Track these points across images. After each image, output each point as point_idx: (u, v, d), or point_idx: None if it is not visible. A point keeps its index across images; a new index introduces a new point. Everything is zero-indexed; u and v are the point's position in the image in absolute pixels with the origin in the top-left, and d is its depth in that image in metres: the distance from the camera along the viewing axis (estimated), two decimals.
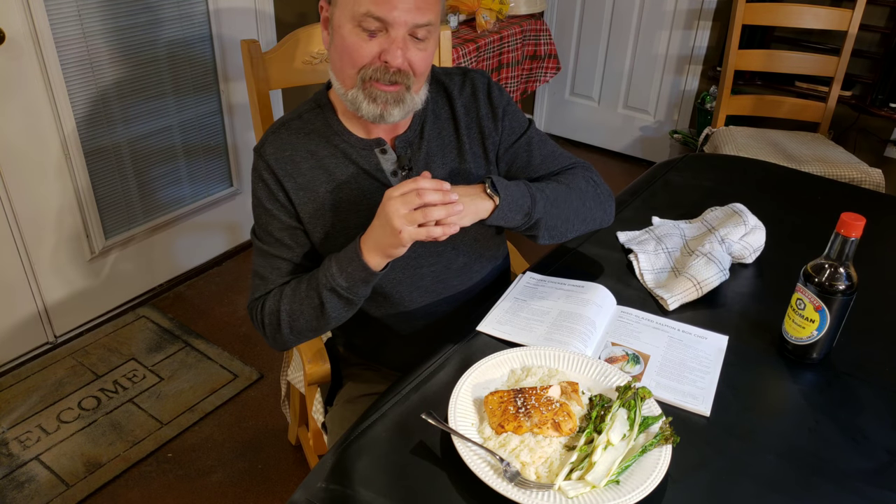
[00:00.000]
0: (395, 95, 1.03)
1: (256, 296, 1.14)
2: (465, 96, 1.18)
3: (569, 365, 0.99)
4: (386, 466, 0.85)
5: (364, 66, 1.01)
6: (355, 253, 1.01)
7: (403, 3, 0.97)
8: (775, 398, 1.00)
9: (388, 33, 0.99)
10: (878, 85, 2.82)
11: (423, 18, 0.99)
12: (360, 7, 0.97)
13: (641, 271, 1.24)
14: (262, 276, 1.13)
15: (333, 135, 1.12)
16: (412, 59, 1.01)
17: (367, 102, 1.03)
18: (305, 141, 1.12)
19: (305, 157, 1.11)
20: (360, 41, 1.00)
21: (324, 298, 1.05)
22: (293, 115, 1.15)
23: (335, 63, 1.05)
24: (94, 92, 2.09)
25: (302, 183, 1.10)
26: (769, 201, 1.53)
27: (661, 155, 3.53)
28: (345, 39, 1.01)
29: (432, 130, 1.15)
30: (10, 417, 1.93)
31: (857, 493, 0.84)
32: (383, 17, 0.97)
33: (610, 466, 0.82)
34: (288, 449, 1.87)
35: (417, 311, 1.20)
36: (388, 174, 1.12)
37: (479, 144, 1.18)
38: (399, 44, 0.99)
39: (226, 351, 2.21)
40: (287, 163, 1.10)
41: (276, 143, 1.11)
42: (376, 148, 1.12)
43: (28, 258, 2.07)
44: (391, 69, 1.00)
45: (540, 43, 3.07)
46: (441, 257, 1.17)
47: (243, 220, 2.72)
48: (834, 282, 0.99)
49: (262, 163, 1.11)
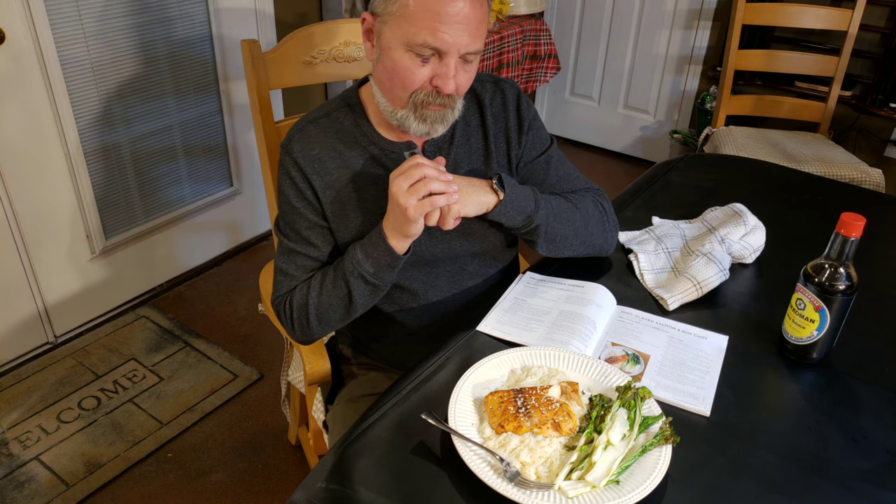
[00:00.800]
0: (441, 114, 1.06)
1: (281, 292, 1.16)
2: (496, 105, 1.19)
3: (569, 365, 0.99)
4: (386, 466, 0.85)
5: (416, 90, 1.03)
6: (380, 237, 1.04)
7: (459, 33, 0.98)
8: (775, 398, 1.00)
9: (442, 60, 1.01)
10: (878, 85, 2.83)
11: (475, 45, 1.01)
12: (416, 37, 0.98)
13: (641, 271, 1.24)
14: (286, 272, 1.15)
15: (362, 136, 1.13)
16: (459, 82, 1.03)
17: (418, 123, 1.05)
18: (333, 140, 1.13)
19: (332, 156, 1.12)
20: (413, 66, 1.01)
21: (351, 286, 1.07)
22: (321, 113, 1.15)
23: (383, 82, 1.06)
24: (94, 92, 2.09)
25: (329, 182, 1.11)
26: (769, 201, 1.53)
27: (661, 155, 3.53)
28: (396, 63, 1.02)
29: (462, 136, 1.17)
30: (10, 417, 1.93)
31: (857, 493, 0.84)
32: (439, 47, 0.98)
33: (610, 466, 0.82)
34: (288, 449, 1.87)
35: (429, 307, 1.21)
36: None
37: (504, 154, 1.20)
38: (452, 72, 1.01)
39: (226, 351, 2.21)
40: (314, 161, 1.11)
41: (304, 141, 1.12)
42: (406, 151, 1.12)
43: (28, 258, 2.07)
44: (442, 94, 1.02)
45: (540, 43, 3.07)
46: (457, 261, 1.19)
47: (243, 219, 2.72)
48: (834, 282, 0.99)
49: (289, 159, 1.12)
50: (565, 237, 1.17)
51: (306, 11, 2.68)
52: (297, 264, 1.14)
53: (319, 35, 1.46)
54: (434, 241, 1.15)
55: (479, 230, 1.17)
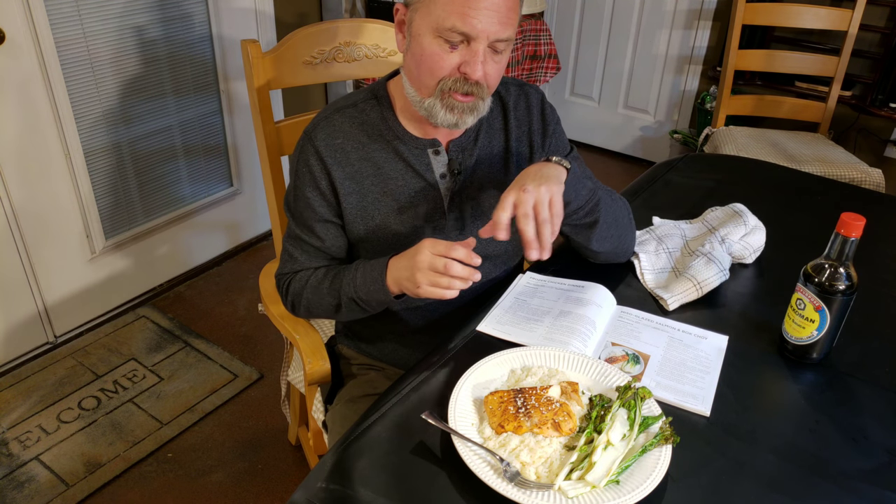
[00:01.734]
0: (470, 105, 1.04)
1: (285, 271, 1.20)
2: (520, 109, 1.19)
3: (569, 365, 0.99)
4: (386, 466, 0.85)
5: (444, 77, 1.02)
6: (381, 273, 1.05)
7: (489, 18, 0.97)
8: (775, 398, 1.00)
9: (470, 46, 1.00)
10: (878, 85, 2.83)
11: (505, 33, 1.00)
12: (445, 22, 0.97)
13: (642, 271, 1.24)
14: (292, 255, 1.18)
15: (388, 130, 1.13)
16: (489, 71, 1.02)
17: (445, 112, 1.04)
18: (358, 131, 1.12)
19: (356, 146, 1.12)
20: (441, 52, 1.00)
21: (342, 301, 1.11)
22: (348, 103, 1.15)
23: (411, 70, 1.06)
24: (94, 92, 2.09)
25: (350, 172, 1.11)
26: (769, 201, 1.53)
27: (661, 155, 3.53)
28: (425, 49, 1.01)
29: (485, 138, 1.17)
30: (10, 417, 1.93)
31: (857, 493, 0.84)
32: (468, 31, 0.98)
33: (610, 466, 0.82)
34: (288, 449, 1.87)
35: (432, 305, 1.22)
36: (437, 176, 1.14)
37: (526, 158, 1.20)
38: (480, 57, 1.00)
39: (226, 351, 2.21)
40: (337, 150, 1.11)
41: (328, 129, 1.12)
42: (430, 149, 1.13)
43: (28, 258, 2.07)
44: (470, 81, 1.01)
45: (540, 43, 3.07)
46: None
47: (243, 219, 2.72)
48: (834, 282, 0.99)
49: (310, 147, 1.12)
50: (617, 221, 1.16)
51: (306, 11, 2.68)
52: (302, 249, 1.17)
53: (319, 35, 1.46)
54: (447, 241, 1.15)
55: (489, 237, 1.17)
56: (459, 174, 1.15)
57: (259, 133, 1.44)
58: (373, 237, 1.14)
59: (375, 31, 1.52)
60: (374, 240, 1.14)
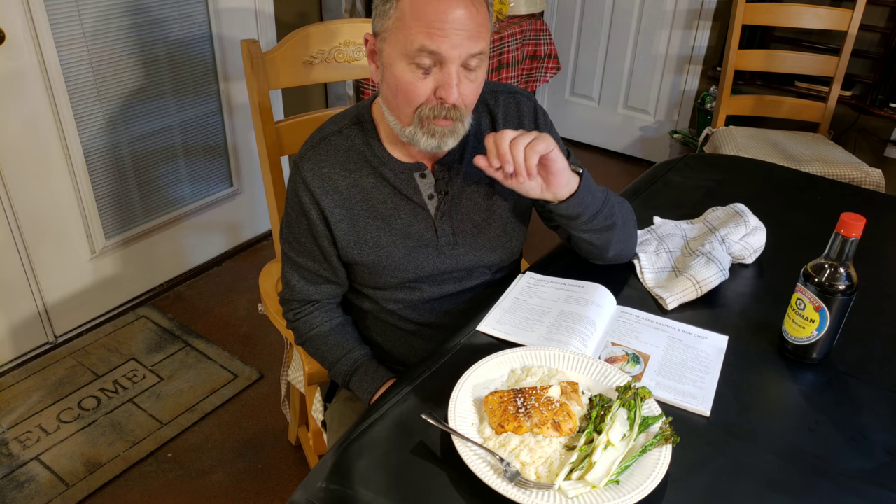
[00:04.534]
0: (450, 129, 1.04)
1: (286, 297, 1.24)
2: (510, 118, 1.18)
3: (569, 365, 0.99)
4: (386, 466, 0.85)
5: (421, 104, 1.01)
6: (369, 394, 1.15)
7: (458, 37, 0.96)
8: (775, 398, 1.00)
9: (443, 69, 0.98)
10: (878, 85, 2.83)
11: (477, 47, 0.98)
12: (413, 43, 0.96)
13: (642, 270, 1.24)
14: (290, 283, 1.22)
15: (373, 156, 1.12)
16: (464, 92, 1.01)
17: (427, 138, 1.03)
18: (344, 158, 1.12)
19: (343, 174, 1.12)
20: (415, 80, 0.99)
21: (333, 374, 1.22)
22: (334, 129, 1.15)
23: (389, 100, 1.05)
24: (93, 92, 2.09)
25: (338, 200, 1.12)
26: (769, 201, 1.53)
27: (661, 155, 3.53)
28: (398, 78, 1.00)
29: (472, 153, 1.15)
30: (10, 417, 1.93)
31: (857, 493, 0.84)
32: (437, 50, 0.96)
33: (610, 466, 0.82)
34: (288, 449, 1.87)
35: (432, 305, 1.22)
36: (426, 197, 1.14)
37: None
38: (454, 80, 0.98)
39: (226, 351, 2.21)
40: (325, 180, 1.11)
41: (315, 159, 1.12)
42: (416, 172, 1.13)
43: (28, 258, 2.07)
44: (447, 105, 1.00)
45: (540, 43, 3.07)
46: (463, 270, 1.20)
47: (243, 220, 2.72)
48: (834, 282, 0.99)
49: (298, 178, 1.12)
50: (626, 222, 1.17)
51: (306, 11, 2.68)
52: (300, 276, 1.20)
53: (319, 35, 1.46)
54: (442, 257, 1.16)
55: (487, 245, 1.18)
56: (447, 194, 1.15)
57: (259, 133, 1.44)
58: (367, 261, 1.14)
59: None
60: (370, 263, 1.15)
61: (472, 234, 1.17)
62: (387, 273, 1.15)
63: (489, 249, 1.18)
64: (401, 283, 1.17)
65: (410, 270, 1.15)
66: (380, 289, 1.19)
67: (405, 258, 1.14)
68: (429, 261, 1.15)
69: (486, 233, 1.17)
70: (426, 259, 1.15)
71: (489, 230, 1.17)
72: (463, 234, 1.16)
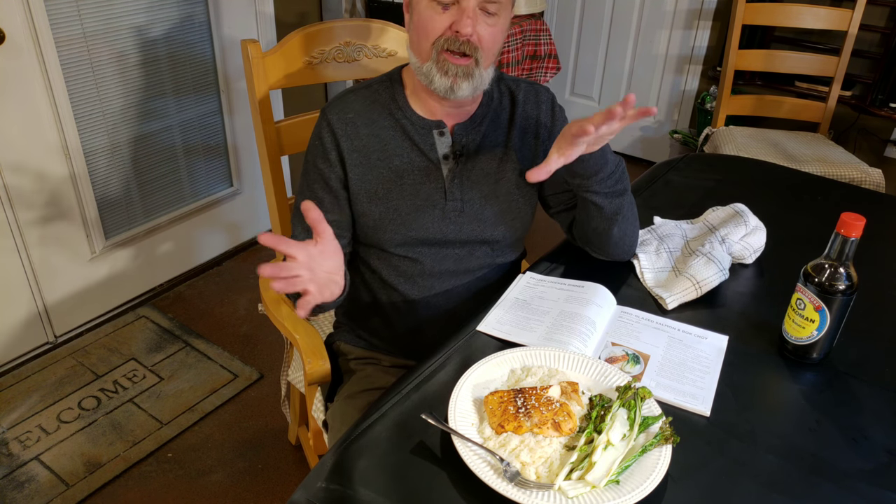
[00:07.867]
0: (465, 69, 1.08)
1: None
2: (529, 104, 1.24)
3: (569, 365, 0.99)
4: (386, 466, 0.85)
5: (437, 37, 1.07)
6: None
7: None
8: (775, 398, 1.00)
9: (460, 4, 1.05)
10: (878, 85, 2.83)
11: None
12: None
13: (642, 270, 1.24)
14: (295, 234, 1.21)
15: (397, 109, 1.18)
16: (481, 32, 1.07)
17: (440, 75, 1.08)
18: (369, 109, 1.18)
19: (366, 122, 1.17)
20: (433, 14, 1.06)
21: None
22: (363, 85, 1.21)
23: (413, 40, 1.12)
24: (94, 92, 2.09)
25: (357, 146, 1.17)
26: (769, 201, 1.53)
27: (661, 155, 3.53)
28: (420, 14, 1.08)
29: (490, 127, 1.21)
30: (10, 417, 1.93)
31: (857, 493, 0.84)
32: None
33: (610, 466, 0.82)
34: (288, 449, 1.88)
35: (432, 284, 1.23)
36: (440, 156, 1.18)
37: (531, 148, 1.23)
38: (469, 13, 1.05)
39: (226, 351, 2.21)
40: (348, 124, 1.17)
41: (341, 106, 1.19)
42: (435, 129, 1.17)
43: (28, 258, 2.07)
44: (461, 38, 1.05)
45: (540, 43, 3.07)
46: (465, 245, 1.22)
47: (243, 219, 2.72)
48: (834, 282, 0.99)
49: (324, 121, 1.18)
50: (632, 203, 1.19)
51: (306, 11, 2.68)
52: (304, 226, 1.18)
53: (319, 35, 1.46)
54: (446, 222, 1.19)
55: (492, 218, 1.21)
56: (462, 156, 1.18)
57: (259, 133, 1.44)
58: (374, 211, 1.18)
59: (375, 30, 1.52)
60: (376, 214, 1.18)
61: (478, 204, 1.20)
62: (390, 228, 1.18)
63: (493, 224, 1.21)
64: (403, 242, 1.19)
65: (413, 229, 1.18)
66: (383, 249, 1.21)
67: (410, 215, 1.17)
68: (433, 223, 1.18)
69: (491, 205, 1.20)
70: (431, 221, 1.18)
71: (495, 203, 1.21)
72: (470, 202, 1.19)
